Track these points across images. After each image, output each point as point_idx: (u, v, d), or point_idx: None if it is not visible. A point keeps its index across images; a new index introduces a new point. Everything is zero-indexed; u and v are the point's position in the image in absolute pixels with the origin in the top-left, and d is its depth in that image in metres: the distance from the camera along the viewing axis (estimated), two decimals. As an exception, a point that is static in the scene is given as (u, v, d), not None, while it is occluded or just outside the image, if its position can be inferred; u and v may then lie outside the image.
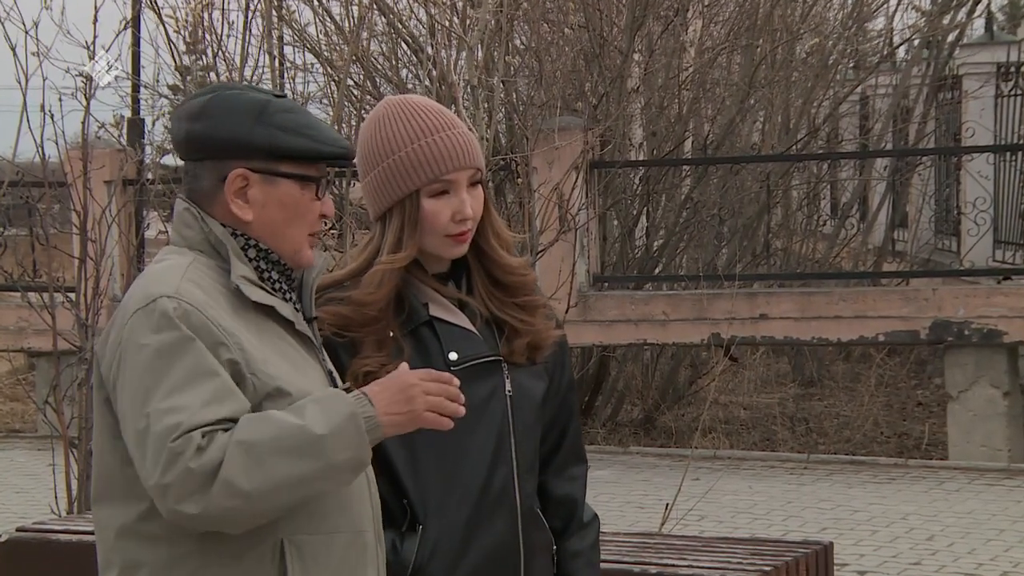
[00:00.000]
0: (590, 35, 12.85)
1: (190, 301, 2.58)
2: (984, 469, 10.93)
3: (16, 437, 13.50)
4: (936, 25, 16.41)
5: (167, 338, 2.54)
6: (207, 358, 2.54)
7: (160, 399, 2.50)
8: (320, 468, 2.50)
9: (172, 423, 2.48)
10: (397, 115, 3.00)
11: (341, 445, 2.51)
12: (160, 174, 11.12)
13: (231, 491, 2.46)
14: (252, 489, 2.47)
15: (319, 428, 2.50)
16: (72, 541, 5.62)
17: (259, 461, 2.47)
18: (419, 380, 2.59)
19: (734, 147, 14.31)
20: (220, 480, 2.46)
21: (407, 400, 2.57)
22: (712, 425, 13.09)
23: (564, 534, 3.13)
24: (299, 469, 2.49)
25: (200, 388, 2.51)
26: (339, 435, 2.51)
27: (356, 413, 2.53)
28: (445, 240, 2.98)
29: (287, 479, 2.49)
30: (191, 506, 2.47)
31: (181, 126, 2.71)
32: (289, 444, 2.48)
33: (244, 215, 2.68)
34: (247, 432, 2.49)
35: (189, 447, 2.46)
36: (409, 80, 12.40)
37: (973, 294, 11.53)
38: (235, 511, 2.48)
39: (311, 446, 2.49)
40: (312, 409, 2.52)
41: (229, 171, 2.67)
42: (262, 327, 2.66)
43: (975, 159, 13.35)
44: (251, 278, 2.68)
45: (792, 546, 5.58)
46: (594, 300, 12.08)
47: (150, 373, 2.53)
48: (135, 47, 11.89)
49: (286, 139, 2.66)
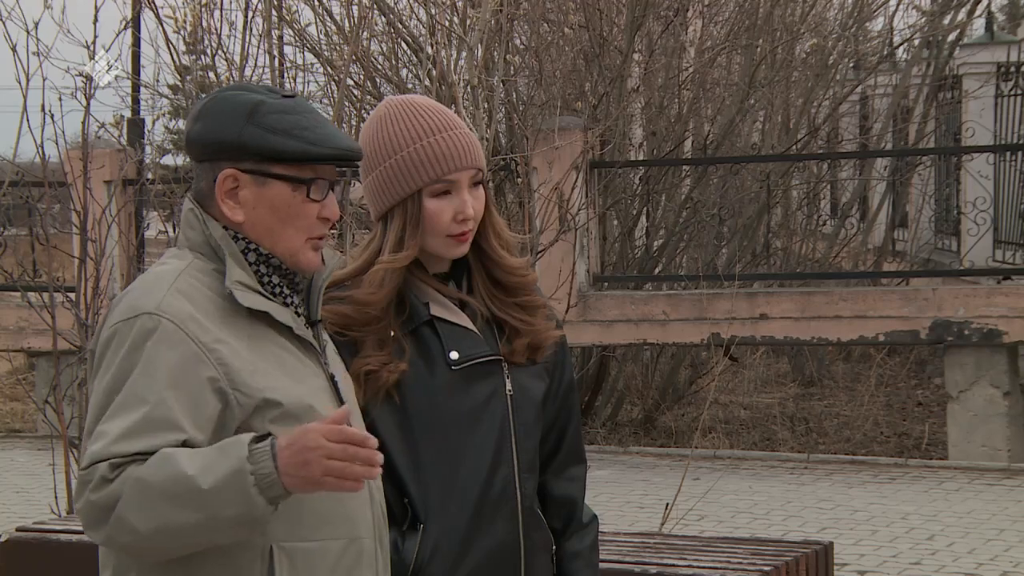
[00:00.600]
0: (590, 35, 12.85)
1: (171, 316, 2.56)
2: (984, 469, 10.93)
3: (16, 437, 13.50)
4: (936, 25, 16.41)
5: (130, 358, 2.54)
6: (154, 385, 2.51)
7: (101, 421, 2.52)
8: (204, 520, 2.44)
9: (92, 450, 2.49)
10: (399, 115, 3.00)
11: (226, 501, 2.43)
12: (160, 174, 11.13)
13: (124, 528, 2.46)
14: (144, 530, 2.45)
15: (205, 481, 2.42)
16: (72, 541, 5.61)
17: (151, 503, 2.44)
18: (324, 442, 2.41)
19: (734, 147, 14.31)
20: (115, 516, 2.45)
21: (303, 464, 2.43)
22: (712, 425, 13.09)
23: (563, 534, 3.13)
24: (183, 519, 2.44)
25: (126, 417, 2.49)
26: (222, 491, 2.43)
27: (243, 470, 2.43)
28: (447, 240, 2.98)
29: (173, 526, 2.44)
30: (96, 535, 2.50)
31: (187, 127, 2.73)
32: (176, 492, 2.43)
33: (235, 216, 2.66)
34: (147, 471, 2.45)
35: (94, 478, 2.47)
36: (409, 80, 12.40)
37: (973, 294, 11.53)
38: (135, 547, 2.48)
39: (194, 498, 2.43)
40: (209, 457, 2.45)
41: (219, 172, 2.67)
42: (256, 334, 2.63)
43: (975, 159, 13.35)
44: (247, 283, 2.66)
45: (792, 546, 5.58)
46: (594, 300, 12.08)
47: (108, 390, 2.55)
48: (135, 47, 11.89)
49: (274, 140, 2.63)
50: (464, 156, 2.97)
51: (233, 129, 2.64)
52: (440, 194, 2.97)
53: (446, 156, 2.96)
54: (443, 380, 2.95)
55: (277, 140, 2.63)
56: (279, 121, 2.64)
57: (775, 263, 14.22)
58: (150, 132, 12.54)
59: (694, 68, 13.81)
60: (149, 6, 10.45)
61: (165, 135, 20.95)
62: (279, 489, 2.43)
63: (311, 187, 2.66)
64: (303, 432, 2.43)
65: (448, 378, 2.94)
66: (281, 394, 2.59)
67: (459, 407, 2.96)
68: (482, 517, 2.96)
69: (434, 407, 2.94)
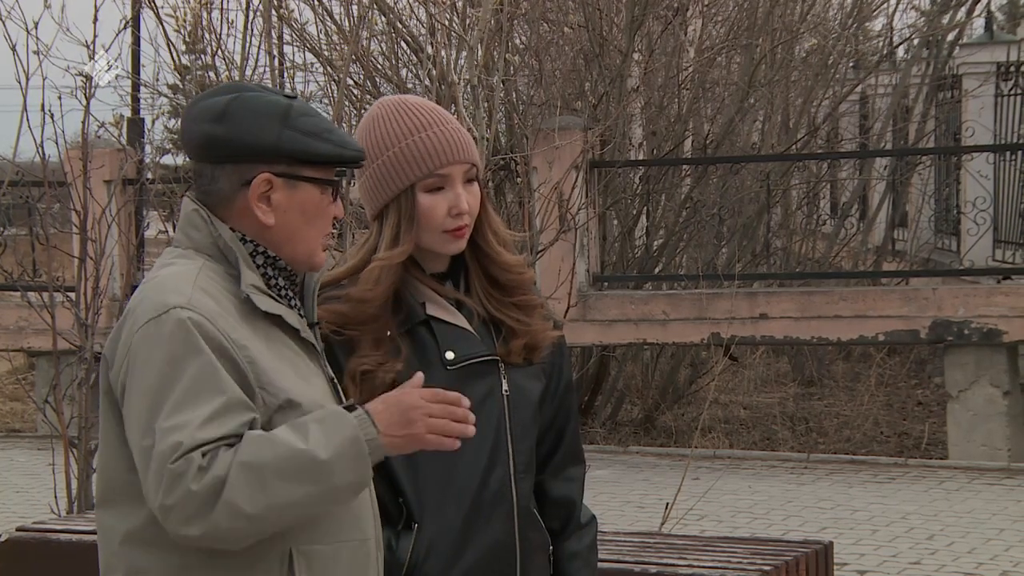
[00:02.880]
0: (590, 35, 12.85)
1: (202, 312, 2.55)
2: (984, 468, 10.93)
3: (16, 437, 13.50)
4: (936, 24, 16.42)
5: (176, 351, 2.52)
6: (215, 372, 2.51)
7: (165, 416, 2.48)
8: (322, 491, 2.49)
9: (173, 442, 2.45)
10: (390, 114, 3.01)
11: (344, 469, 2.49)
12: (160, 174, 11.13)
13: (233, 513, 2.45)
14: (255, 512, 2.45)
15: (322, 452, 2.47)
16: (72, 541, 5.61)
17: (262, 485, 2.45)
18: (423, 402, 2.55)
19: (734, 146, 14.31)
20: (223, 502, 2.44)
21: (407, 423, 2.53)
22: (712, 425, 13.09)
23: (561, 535, 3.13)
24: (302, 493, 2.47)
25: (203, 405, 2.48)
26: (342, 459, 2.48)
27: (359, 437, 2.50)
28: (443, 236, 2.98)
29: (289, 502, 2.47)
30: (193, 528, 2.46)
31: (198, 128, 2.66)
32: (292, 468, 2.46)
33: (267, 219, 2.65)
34: (250, 453, 2.46)
35: (190, 468, 2.44)
36: (409, 79, 12.40)
37: (973, 293, 11.53)
38: (236, 531, 2.47)
39: (314, 471, 2.47)
40: (315, 431, 2.49)
41: (252, 175, 2.64)
42: (270, 335, 2.64)
43: (975, 158, 13.35)
44: (260, 286, 2.66)
45: (792, 545, 5.58)
46: (594, 300, 12.08)
47: (158, 388, 2.51)
48: (135, 46, 11.89)
49: (312, 144, 2.64)
50: (455, 150, 2.98)
51: (270, 133, 2.62)
52: (434, 189, 2.97)
53: (437, 150, 2.97)
54: (439, 380, 2.93)
55: (312, 143, 2.64)
56: (309, 124, 2.65)
57: (775, 263, 14.21)
58: (150, 131, 12.56)
59: (694, 68, 13.81)
60: (149, 5, 10.46)
61: (165, 135, 20.92)
62: (382, 453, 2.53)
63: (335, 188, 2.70)
64: (401, 394, 2.56)
65: (444, 378, 2.93)
66: (298, 394, 2.61)
67: (455, 407, 2.95)
68: (477, 517, 2.96)
69: (430, 407, 2.94)
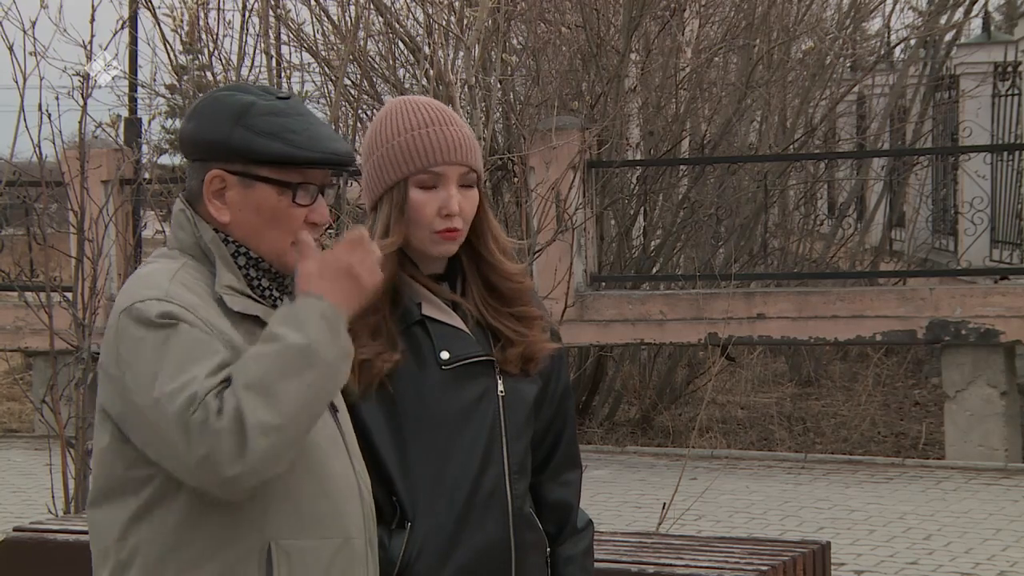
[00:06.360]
0: (587, 35, 12.86)
1: (180, 303, 2.58)
2: (981, 469, 10.94)
3: (13, 437, 13.51)
4: (933, 25, 16.42)
5: (159, 324, 2.54)
6: (207, 338, 2.55)
7: (166, 381, 2.50)
8: (321, 373, 2.51)
9: (185, 398, 2.47)
10: (398, 111, 3.03)
11: (327, 343, 2.51)
12: (157, 174, 11.12)
13: (263, 430, 2.46)
14: (280, 420, 2.47)
15: (301, 339, 2.50)
16: (69, 541, 5.61)
17: (272, 393, 2.47)
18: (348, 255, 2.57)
19: (731, 147, 14.32)
20: (249, 426, 2.45)
21: (353, 279, 2.57)
22: (709, 425, 13.10)
23: (558, 539, 3.13)
24: (306, 382, 2.49)
25: (204, 362, 2.51)
26: (321, 334, 2.51)
27: (321, 311, 2.53)
28: (432, 236, 2.97)
29: (301, 395, 2.49)
30: (237, 466, 2.46)
31: (181, 126, 2.75)
32: (286, 365, 2.49)
33: (221, 216, 2.68)
34: (246, 375, 2.48)
35: (209, 413, 2.46)
36: (406, 79, 12.40)
37: (970, 293, 11.54)
38: (274, 449, 2.47)
39: (304, 357, 2.49)
40: (282, 330, 2.52)
41: (208, 172, 2.68)
42: (253, 333, 2.64)
43: (972, 159, 13.36)
44: (237, 287, 2.67)
45: (789, 545, 5.58)
46: (591, 300, 12.09)
47: (150, 360, 2.53)
48: (132, 46, 11.91)
49: (260, 143, 2.64)
50: (452, 151, 2.97)
51: (222, 130, 2.65)
52: (427, 187, 2.97)
53: (433, 148, 2.97)
54: (433, 380, 2.95)
55: (262, 142, 2.64)
56: (267, 123, 2.65)
57: (772, 263, 14.23)
58: (147, 132, 12.55)
59: (691, 68, 13.82)
60: (146, 6, 10.46)
61: (162, 135, 20.95)
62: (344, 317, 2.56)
63: (297, 191, 2.67)
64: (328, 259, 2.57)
65: (438, 378, 2.94)
66: None
67: (449, 407, 2.95)
68: (470, 516, 2.95)
69: (424, 406, 2.94)
